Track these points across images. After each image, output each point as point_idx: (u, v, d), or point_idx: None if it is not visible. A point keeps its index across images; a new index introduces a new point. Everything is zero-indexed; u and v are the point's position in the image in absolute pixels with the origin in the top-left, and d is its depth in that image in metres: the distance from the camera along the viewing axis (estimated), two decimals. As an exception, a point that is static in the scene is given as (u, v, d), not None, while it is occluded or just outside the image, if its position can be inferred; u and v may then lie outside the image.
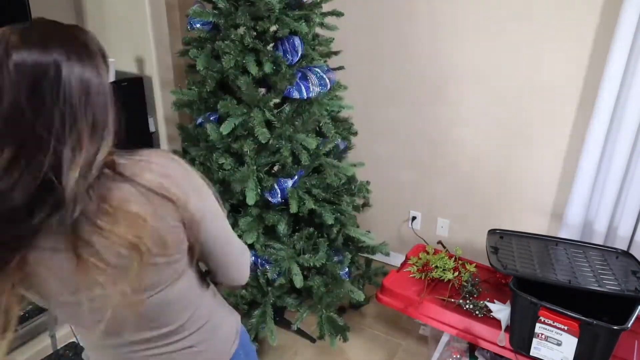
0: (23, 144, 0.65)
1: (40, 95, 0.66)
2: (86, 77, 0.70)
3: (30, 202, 0.66)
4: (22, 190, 0.65)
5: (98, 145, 0.70)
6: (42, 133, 0.65)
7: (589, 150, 2.00)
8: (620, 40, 1.82)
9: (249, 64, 1.67)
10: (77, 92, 0.68)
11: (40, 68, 0.66)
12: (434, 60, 2.39)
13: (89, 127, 0.69)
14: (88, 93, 0.69)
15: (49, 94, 0.66)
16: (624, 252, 1.80)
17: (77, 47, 0.71)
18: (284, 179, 1.79)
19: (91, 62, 0.72)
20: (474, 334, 1.80)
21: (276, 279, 1.89)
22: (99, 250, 0.71)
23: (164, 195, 0.74)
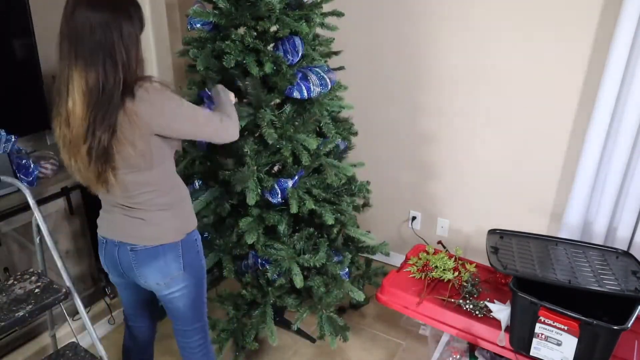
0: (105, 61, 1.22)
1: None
2: (125, 31, 1.24)
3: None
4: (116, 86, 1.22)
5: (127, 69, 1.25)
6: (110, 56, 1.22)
7: (589, 150, 2.00)
8: (620, 40, 1.82)
9: (250, 64, 1.67)
10: (116, 38, 1.21)
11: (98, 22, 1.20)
12: (434, 60, 2.39)
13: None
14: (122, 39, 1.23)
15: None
16: (624, 252, 1.80)
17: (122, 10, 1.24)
18: (284, 179, 1.79)
19: (130, 21, 1.25)
20: (474, 334, 1.80)
21: (276, 279, 1.89)
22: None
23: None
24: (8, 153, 1.84)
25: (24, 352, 2.06)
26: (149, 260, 1.42)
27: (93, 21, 1.19)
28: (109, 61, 1.21)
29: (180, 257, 1.45)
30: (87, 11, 1.19)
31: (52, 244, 1.65)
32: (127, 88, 1.24)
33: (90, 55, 1.20)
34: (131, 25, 1.25)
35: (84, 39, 1.19)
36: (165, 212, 1.42)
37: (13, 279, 1.69)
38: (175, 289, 1.48)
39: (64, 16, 1.22)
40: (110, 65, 1.21)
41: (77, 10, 1.20)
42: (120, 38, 1.22)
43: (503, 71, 2.23)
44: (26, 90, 2.08)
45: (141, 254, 1.42)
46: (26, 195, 1.66)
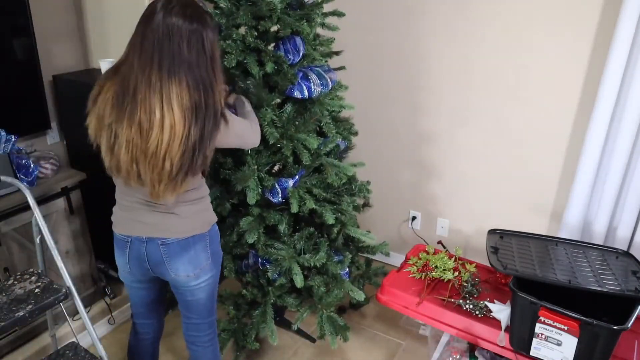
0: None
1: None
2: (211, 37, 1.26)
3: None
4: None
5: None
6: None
7: (589, 150, 2.01)
8: (620, 40, 1.82)
9: (251, 64, 1.67)
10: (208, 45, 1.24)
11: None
12: (434, 60, 2.39)
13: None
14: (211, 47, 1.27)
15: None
16: (624, 252, 1.81)
17: (209, 20, 1.26)
18: (285, 178, 1.79)
19: (214, 33, 1.27)
20: (474, 334, 1.80)
21: (276, 279, 1.89)
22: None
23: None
24: (8, 153, 1.84)
25: (24, 352, 2.06)
26: (181, 252, 1.45)
27: (189, 33, 1.20)
28: (207, 77, 1.23)
29: (207, 246, 1.50)
30: (181, 20, 1.19)
31: (52, 244, 1.64)
32: (222, 108, 1.31)
33: (189, 69, 1.20)
34: (214, 36, 1.26)
35: (182, 52, 1.19)
36: (195, 205, 1.46)
37: (13, 279, 1.69)
38: (203, 279, 1.52)
39: (149, 19, 1.20)
40: (209, 83, 1.24)
41: (169, 17, 1.19)
42: (211, 51, 1.24)
43: (503, 71, 2.23)
44: (26, 90, 2.08)
45: (173, 246, 1.44)
46: (26, 195, 1.66)
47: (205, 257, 1.50)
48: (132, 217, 1.45)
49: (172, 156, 1.24)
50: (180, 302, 1.60)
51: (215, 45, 1.26)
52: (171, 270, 1.47)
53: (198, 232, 1.47)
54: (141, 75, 1.20)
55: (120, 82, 1.23)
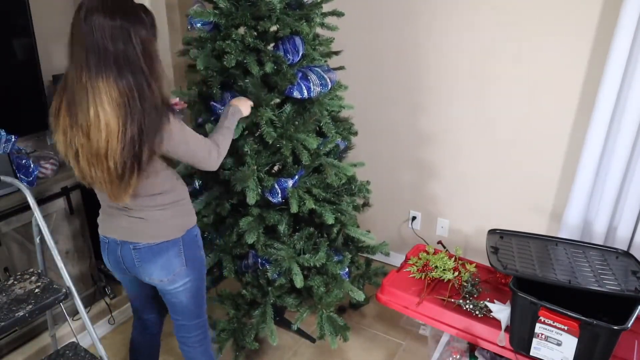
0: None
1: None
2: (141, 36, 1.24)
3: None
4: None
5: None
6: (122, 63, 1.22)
7: (589, 150, 2.00)
8: (620, 40, 1.82)
9: (250, 64, 1.67)
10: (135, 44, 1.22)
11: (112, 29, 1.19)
12: (434, 60, 2.39)
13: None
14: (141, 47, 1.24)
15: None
16: (624, 252, 1.80)
17: (136, 16, 1.23)
18: (285, 178, 1.79)
19: (145, 28, 1.25)
20: (474, 334, 1.80)
21: (276, 279, 1.89)
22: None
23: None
24: (8, 153, 1.84)
25: (24, 352, 2.06)
26: (152, 257, 1.46)
27: (112, 29, 1.18)
28: (138, 71, 1.22)
29: (181, 252, 1.49)
30: (102, 17, 1.17)
31: (52, 244, 1.64)
32: (165, 103, 1.28)
33: (115, 64, 1.19)
34: (146, 32, 1.24)
35: (106, 48, 1.18)
36: (165, 211, 1.45)
37: (13, 279, 1.69)
38: (179, 284, 1.52)
39: (75, 21, 1.20)
40: (141, 77, 1.22)
41: (90, 16, 1.17)
42: (141, 46, 1.22)
43: (503, 71, 2.23)
44: (26, 90, 2.08)
45: (144, 251, 1.45)
46: (26, 195, 1.66)
47: (179, 262, 1.49)
48: (109, 219, 1.49)
49: (113, 154, 1.23)
50: (166, 303, 1.62)
51: (147, 39, 1.24)
52: (145, 274, 1.49)
53: (170, 237, 1.46)
54: (76, 78, 1.21)
55: (68, 91, 1.25)
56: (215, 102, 1.78)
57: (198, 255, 1.56)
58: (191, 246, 1.52)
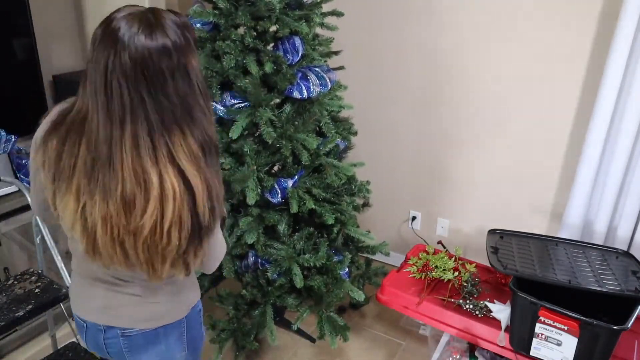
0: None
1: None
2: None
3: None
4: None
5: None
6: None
7: (590, 150, 2.00)
8: (621, 40, 1.82)
9: (250, 64, 1.67)
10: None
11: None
12: (434, 60, 2.39)
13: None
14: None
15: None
16: (624, 252, 1.80)
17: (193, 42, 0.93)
18: (284, 179, 1.79)
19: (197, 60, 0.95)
20: (474, 334, 1.80)
21: (276, 279, 1.89)
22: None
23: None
24: (8, 153, 1.84)
25: (24, 352, 2.06)
26: (147, 345, 1.12)
27: (172, 60, 0.85)
28: (202, 112, 0.90)
29: (184, 335, 1.16)
30: (150, 41, 0.83)
31: (52, 244, 1.65)
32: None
33: (173, 114, 0.86)
34: (198, 62, 0.93)
35: (165, 84, 0.84)
36: (172, 285, 1.11)
37: (13, 279, 1.69)
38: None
39: (106, 48, 0.84)
40: (205, 119, 0.91)
41: (135, 40, 0.82)
42: (198, 79, 0.90)
43: (503, 71, 2.23)
44: (26, 90, 2.08)
45: (137, 339, 1.10)
46: (26, 195, 1.66)
47: (180, 348, 1.16)
48: (87, 294, 1.10)
49: (183, 226, 0.90)
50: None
51: (199, 71, 0.93)
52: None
53: (174, 319, 1.12)
54: (115, 130, 0.85)
55: (85, 139, 0.88)
56: (214, 102, 1.78)
57: (200, 333, 1.23)
58: (195, 324, 1.19)
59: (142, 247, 0.91)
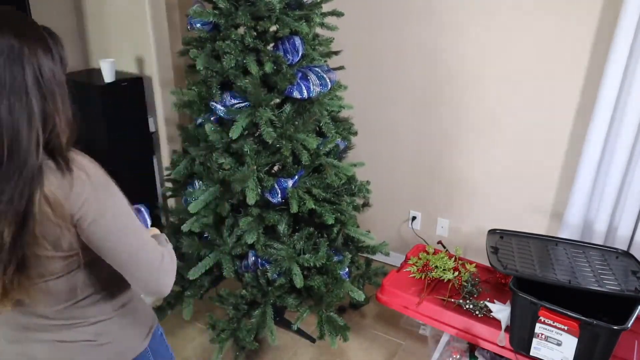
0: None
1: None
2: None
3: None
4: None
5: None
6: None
7: (590, 150, 2.00)
8: (621, 40, 1.82)
9: (250, 64, 1.67)
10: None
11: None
12: (434, 60, 2.39)
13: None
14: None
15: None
16: (624, 252, 1.80)
17: (37, 38, 0.82)
18: (284, 179, 1.79)
19: (50, 55, 0.84)
20: (474, 334, 1.80)
21: (276, 279, 1.89)
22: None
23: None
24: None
25: (24, 352, 2.06)
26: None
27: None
28: (19, 108, 0.77)
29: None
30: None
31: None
32: (52, 156, 0.82)
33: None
34: (52, 60, 0.83)
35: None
36: (123, 317, 1.01)
37: (13, 279, 1.68)
38: None
39: None
40: (23, 115, 0.78)
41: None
42: (39, 75, 0.80)
43: (503, 71, 2.23)
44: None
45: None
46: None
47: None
48: (18, 351, 0.96)
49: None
50: None
51: (48, 68, 0.83)
52: None
53: (137, 352, 1.03)
54: None
55: None
56: (214, 101, 1.78)
57: (168, 356, 1.14)
58: (159, 349, 1.09)
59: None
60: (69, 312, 0.94)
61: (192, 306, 2.00)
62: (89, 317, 0.96)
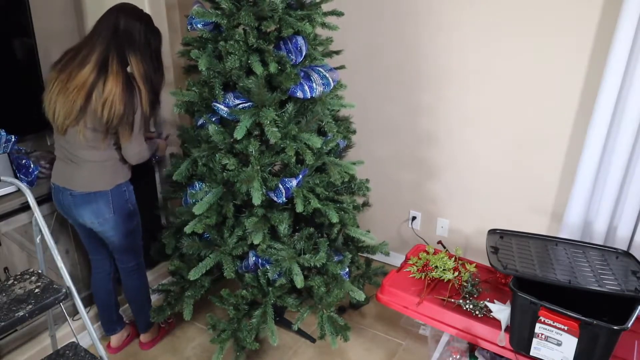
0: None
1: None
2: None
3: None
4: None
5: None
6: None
7: (590, 150, 2.01)
8: (621, 40, 1.82)
9: (254, 64, 1.66)
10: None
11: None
12: (434, 59, 2.39)
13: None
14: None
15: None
16: (624, 252, 1.81)
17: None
18: (288, 178, 1.79)
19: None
20: (474, 334, 1.80)
21: (277, 279, 1.89)
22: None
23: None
24: (8, 153, 1.84)
25: (24, 352, 2.06)
26: (84, 204, 1.83)
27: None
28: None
29: (110, 203, 1.86)
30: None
31: (52, 244, 1.64)
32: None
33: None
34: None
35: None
36: (96, 166, 1.81)
37: (13, 279, 1.69)
38: (108, 227, 1.90)
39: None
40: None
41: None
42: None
43: (503, 71, 2.23)
44: (26, 90, 2.08)
45: (78, 198, 1.83)
46: (26, 195, 1.66)
47: (107, 210, 1.86)
48: (58, 167, 1.88)
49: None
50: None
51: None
52: (78, 216, 1.86)
53: (99, 189, 1.82)
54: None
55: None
56: (217, 102, 1.78)
57: (127, 206, 1.93)
58: (119, 198, 1.88)
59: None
60: (78, 152, 1.83)
61: (192, 306, 2.00)
62: (85, 159, 1.82)
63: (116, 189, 1.87)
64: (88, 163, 1.80)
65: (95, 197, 1.83)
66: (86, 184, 1.81)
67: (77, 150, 1.79)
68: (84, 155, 1.79)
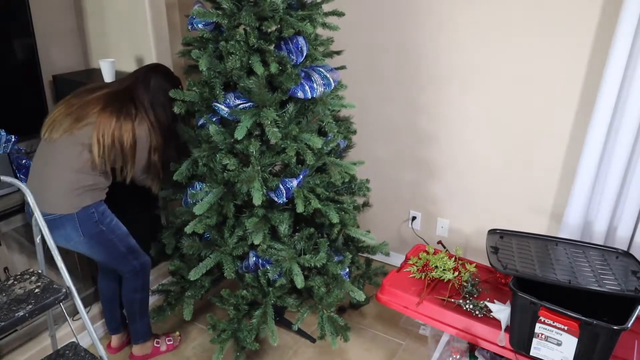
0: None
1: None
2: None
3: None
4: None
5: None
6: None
7: (590, 150, 2.01)
8: (621, 40, 1.82)
9: (255, 65, 1.66)
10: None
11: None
12: (434, 59, 2.39)
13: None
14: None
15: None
16: (624, 252, 1.81)
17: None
18: (289, 179, 1.79)
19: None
20: (474, 334, 1.80)
21: (277, 279, 1.89)
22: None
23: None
24: (8, 153, 1.84)
25: (24, 352, 2.06)
26: (53, 228, 1.73)
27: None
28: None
29: (77, 227, 1.78)
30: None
31: (52, 244, 1.64)
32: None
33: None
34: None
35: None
36: (64, 185, 1.73)
37: (13, 279, 1.69)
38: (82, 249, 1.87)
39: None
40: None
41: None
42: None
43: (503, 71, 2.24)
44: (26, 90, 2.08)
45: (47, 221, 1.67)
46: (26, 195, 1.66)
47: (76, 235, 1.79)
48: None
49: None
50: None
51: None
52: (51, 237, 1.68)
53: (62, 212, 1.74)
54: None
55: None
56: (217, 102, 1.78)
57: (96, 228, 1.82)
58: (86, 222, 1.79)
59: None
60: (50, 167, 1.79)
61: (192, 306, 2.00)
62: (57, 174, 1.77)
63: (83, 212, 1.77)
64: (57, 181, 1.73)
65: (62, 221, 1.75)
66: (53, 205, 1.74)
67: (56, 162, 1.73)
68: (58, 170, 1.73)
